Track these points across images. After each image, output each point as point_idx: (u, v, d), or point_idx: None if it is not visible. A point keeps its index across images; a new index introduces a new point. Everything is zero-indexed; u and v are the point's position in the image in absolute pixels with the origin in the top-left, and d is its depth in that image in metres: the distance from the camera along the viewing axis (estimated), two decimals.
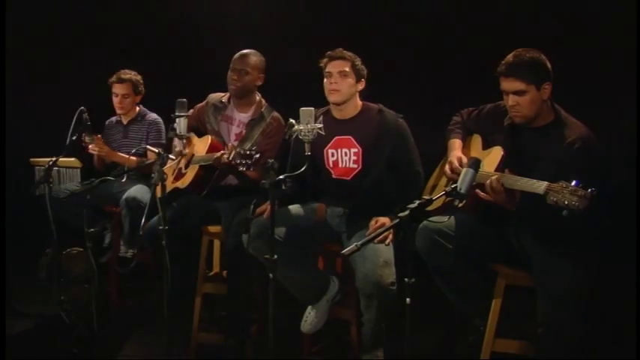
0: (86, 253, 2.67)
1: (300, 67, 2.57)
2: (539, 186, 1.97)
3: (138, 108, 3.48)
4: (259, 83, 2.93)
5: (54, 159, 2.83)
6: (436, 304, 2.57)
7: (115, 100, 3.40)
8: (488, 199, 2.14)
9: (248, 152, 2.26)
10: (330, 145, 2.63)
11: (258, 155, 2.23)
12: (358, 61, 2.57)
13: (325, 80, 2.57)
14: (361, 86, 2.60)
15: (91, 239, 2.67)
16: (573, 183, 1.87)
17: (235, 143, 2.89)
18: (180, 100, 2.43)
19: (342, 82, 2.53)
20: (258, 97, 2.97)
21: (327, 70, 2.56)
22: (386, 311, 2.38)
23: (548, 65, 2.21)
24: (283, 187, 2.45)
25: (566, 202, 1.86)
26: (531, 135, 2.27)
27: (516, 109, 2.23)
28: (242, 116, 2.94)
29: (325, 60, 2.57)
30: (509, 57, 2.23)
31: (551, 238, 2.17)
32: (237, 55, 2.90)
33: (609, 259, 2.51)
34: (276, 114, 2.90)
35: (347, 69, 2.53)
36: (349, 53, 2.57)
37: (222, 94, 3.01)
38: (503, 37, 2.94)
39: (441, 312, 2.67)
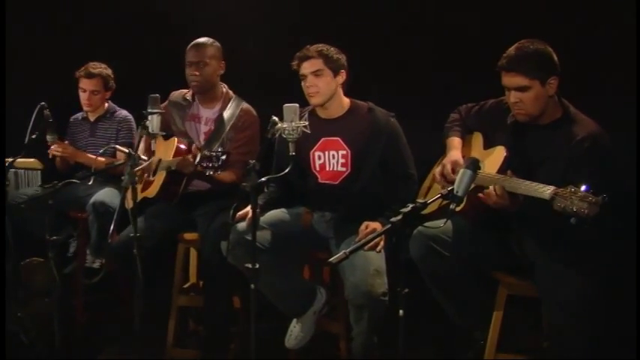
0: (48, 263, 2.52)
1: (292, 65, 2.50)
2: (545, 191, 1.87)
3: (107, 104, 3.30)
4: (221, 72, 2.81)
5: (11, 159, 2.70)
6: (432, 316, 2.50)
7: (83, 96, 3.20)
8: (489, 203, 2.05)
9: (214, 154, 2.12)
10: (316, 147, 2.53)
11: (224, 157, 2.09)
12: (332, 52, 2.43)
13: (302, 83, 2.48)
14: (342, 78, 2.47)
15: (54, 248, 2.53)
16: (583, 188, 1.78)
17: (203, 141, 2.79)
18: (152, 95, 2.29)
19: (319, 81, 2.43)
20: (224, 88, 2.86)
21: (300, 72, 2.45)
22: (377, 324, 2.32)
23: (555, 58, 2.11)
24: (265, 190, 2.31)
25: (574, 209, 1.76)
26: (537, 133, 2.18)
27: (519, 106, 2.14)
28: (209, 112, 2.83)
29: (296, 62, 2.46)
30: (512, 49, 2.13)
31: (555, 244, 2.08)
32: (189, 46, 2.76)
33: (613, 262, 2.44)
34: (245, 105, 2.80)
35: (320, 67, 2.41)
36: (318, 48, 2.43)
37: (185, 90, 2.90)
38: (503, 31, 2.85)
39: (437, 325, 2.61)
